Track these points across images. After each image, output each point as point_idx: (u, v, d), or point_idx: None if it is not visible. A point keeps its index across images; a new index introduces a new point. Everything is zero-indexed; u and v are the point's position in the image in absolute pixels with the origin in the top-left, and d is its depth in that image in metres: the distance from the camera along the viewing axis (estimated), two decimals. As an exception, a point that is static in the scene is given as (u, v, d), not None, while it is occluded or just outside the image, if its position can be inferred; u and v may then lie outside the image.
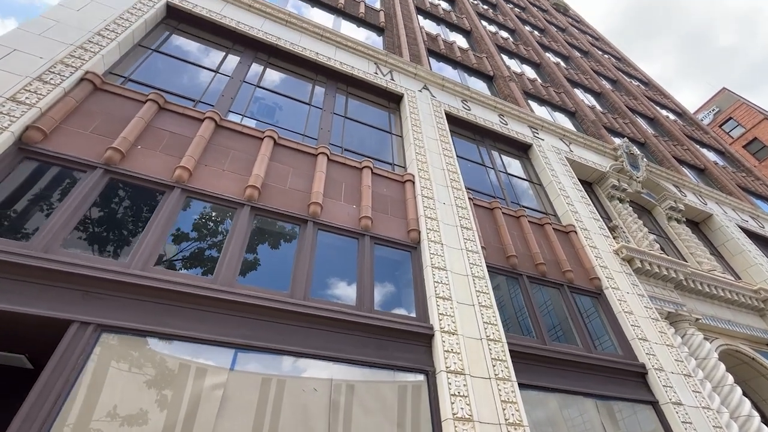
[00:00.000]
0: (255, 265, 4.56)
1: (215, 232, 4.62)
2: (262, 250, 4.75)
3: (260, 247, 4.75)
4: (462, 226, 6.22)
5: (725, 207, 13.34)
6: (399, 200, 6.29)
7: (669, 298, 7.72)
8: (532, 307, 5.91)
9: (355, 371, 4.10)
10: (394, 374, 4.26)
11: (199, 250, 4.40)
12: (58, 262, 3.39)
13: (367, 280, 4.89)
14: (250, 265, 4.50)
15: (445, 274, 5.32)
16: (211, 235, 4.58)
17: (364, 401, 3.92)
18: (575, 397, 5.17)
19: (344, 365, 4.09)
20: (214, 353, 3.59)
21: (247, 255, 4.54)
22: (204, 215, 4.71)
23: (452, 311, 4.92)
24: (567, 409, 5.07)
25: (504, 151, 9.75)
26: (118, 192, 4.39)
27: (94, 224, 4.06)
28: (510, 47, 16.78)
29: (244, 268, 4.39)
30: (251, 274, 4.44)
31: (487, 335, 4.91)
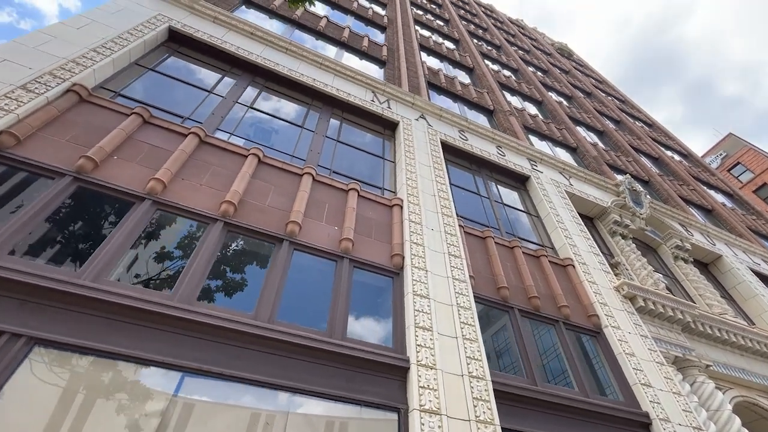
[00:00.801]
0: (220, 284, 4.29)
1: (182, 246, 4.40)
2: (231, 268, 4.50)
3: (228, 265, 4.50)
4: (450, 254, 5.93)
5: (735, 249, 12.83)
6: (385, 224, 6.06)
7: (676, 342, 7.17)
8: (523, 344, 5.47)
9: (317, 405, 3.71)
10: (361, 410, 3.84)
11: (162, 265, 4.16)
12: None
13: (342, 305, 4.57)
14: (214, 283, 4.23)
15: (427, 302, 4.98)
16: (177, 249, 4.36)
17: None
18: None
19: (306, 397, 3.70)
20: (159, 376, 3.26)
21: (214, 273, 4.29)
22: (173, 229, 4.52)
23: (432, 343, 4.53)
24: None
25: (501, 182, 9.58)
26: (85, 201, 4.24)
27: (53, 232, 3.88)
28: (512, 85, 17.09)
29: (207, 286, 4.12)
30: (215, 293, 4.16)
31: (470, 371, 4.48)
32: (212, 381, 3.42)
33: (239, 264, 4.63)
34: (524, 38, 30.16)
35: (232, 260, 4.60)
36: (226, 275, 4.41)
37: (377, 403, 3.89)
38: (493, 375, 4.76)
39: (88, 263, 3.64)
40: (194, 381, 3.36)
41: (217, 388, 3.44)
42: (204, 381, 3.41)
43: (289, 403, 3.60)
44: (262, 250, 4.81)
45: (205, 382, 3.41)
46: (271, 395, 3.60)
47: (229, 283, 4.37)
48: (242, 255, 4.73)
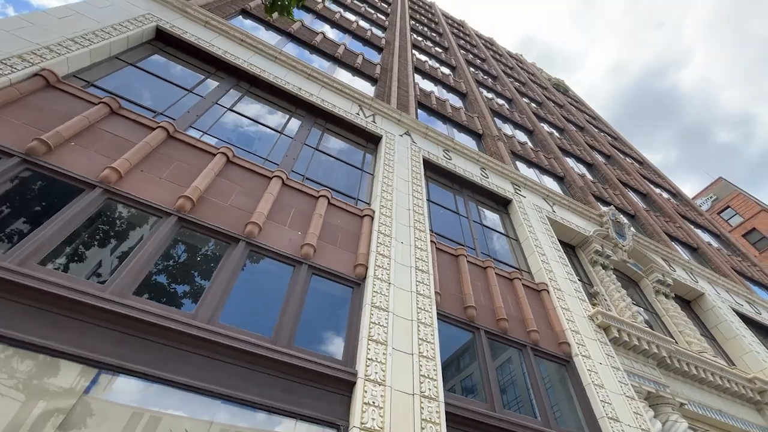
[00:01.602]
0: (163, 280, 4.07)
1: (128, 238, 4.21)
2: (178, 265, 4.29)
3: (176, 262, 4.30)
4: (418, 268, 5.75)
5: (718, 288, 12.71)
6: (353, 234, 5.90)
7: (650, 377, 6.92)
8: (485, 366, 5.22)
9: (247, 416, 3.43)
10: (295, 425, 3.56)
11: (102, 256, 3.96)
12: None
13: (292, 312, 4.34)
14: (156, 279, 4.02)
15: (386, 315, 4.76)
16: (120, 239, 4.16)
17: (246, 454, 3.22)
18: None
19: (236, 407, 3.43)
20: (71, 370, 3.01)
21: (158, 268, 4.08)
22: (123, 221, 4.33)
23: (385, 358, 4.29)
24: None
25: (482, 203, 9.51)
26: (31, 184, 4.07)
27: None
28: (504, 113, 17.35)
29: (148, 281, 3.91)
30: (155, 289, 3.94)
31: (422, 391, 4.23)
32: (133, 380, 3.17)
33: (189, 262, 4.43)
34: (521, 71, 30.97)
35: (181, 257, 4.39)
36: (171, 272, 4.20)
37: (315, 418, 3.62)
38: (449, 397, 4.50)
39: (18, 246, 3.44)
40: (111, 378, 3.10)
41: (135, 389, 3.17)
42: (123, 380, 3.15)
43: (215, 412, 3.33)
44: (216, 250, 4.62)
45: (125, 382, 3.15)
46: (198, 401, 3.34)
47: (173, 280, 4.15)
48: (194, 253, 4.53)
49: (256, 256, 4.77)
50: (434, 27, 26.39)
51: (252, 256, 4.73)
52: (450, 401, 4.41)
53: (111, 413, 2.97)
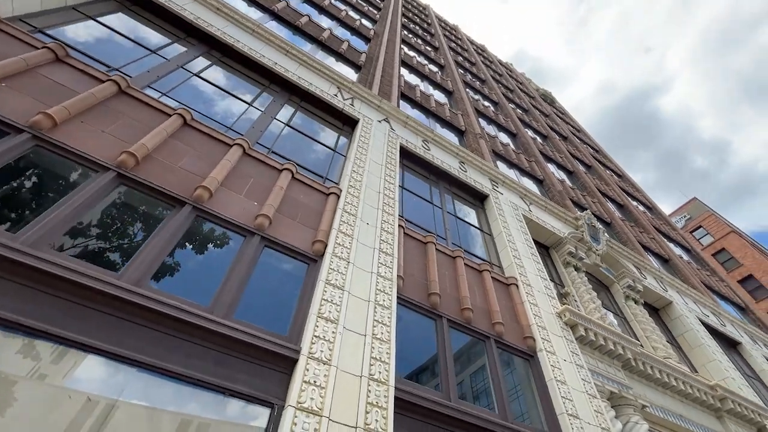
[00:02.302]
0: (91, 237, 3.67)
1: (55, 189, 3.79)
2: (110, 223, 3.89)
3: (108, 220, 3.89)
4: (381, 250, 5.47)
5: (686, 298, 12.87)
6: (315, 210, 5.58)
7: (614, 377, 6.80)
8: (444, 356, 4.96)
9: (166, 388, 3.07)
10: (224, 402, 3.21)
11: (22, 205, 3.53)
12: None
13: (236, 282, 3.99)
14: (82, 236, 3.61)
15: (340, 293, 4.45)
16: (47, 190, 3.74)
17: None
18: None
19: (155, 376, 3.06)
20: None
21: (86, 224, 3.68)
22: (51, 170, 3.91)
23: (333, 336, 3.98)
24: None
25: (459, 196, 9.31)
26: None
27: None
28: (489, 114, 17.32)
29: (71, 237, 3.50)
30: (78, 246, 3.53)
31: (371, 374, 3.93)
32: (28, 338, 2.77)
33: (124, 221, 4.03)
34: (510, 79, 31.24)
35: (117, 216, 3.99)
36: (103, 230, 3.80)
37: (246, 394, 3.28)
38: (401, 383, 4.22)
39: None
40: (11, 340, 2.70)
41: (43, 353, 2.78)
42: (17, 336, 2.75)
43: (130, 380, 2.96)
44: (158, 212, 4.23)
45: (18, 338, 2.75)
46: (116, 368, 2.96)
47: (103, 239, 3.75)
48: (132, 213, 4.13)
49: (203, 223, 4.40)
50: (426, 27, 26.34)
51: (198, 221, 4.36)
52: (402, 387, 4.12)
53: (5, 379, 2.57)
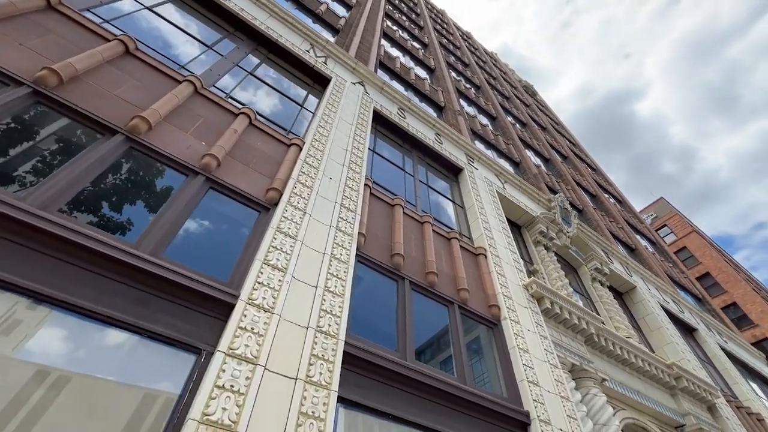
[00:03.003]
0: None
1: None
2: (22, 144, 3.35)
3: (22, 141, 3.34)
4: (343, 205, 5.10)
5: (650, 284, 13.17)
6: (273, 159, 5.13)
7: (576, 351, 6.74)
8: (404, 317, 4.68)
9: (68, 323, 2.63)
10: (139, 342, 2.80)
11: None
12: None
13: (170, 220, 3.54)
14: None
15: (292, 242, 4.06)
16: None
17: (50, 365, 2.42)
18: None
19: (62, 312, 2.61)
20: None
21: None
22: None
23: (280, 285, 3.60)
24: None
25: (433, 168, 9.01)
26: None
27: None
28: (470, 96, 17.06)
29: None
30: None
31: (320, 326, 3.59)
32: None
33: (41, 144, 3.48)
34: (494, 67, 31.09)
35: (31, 137, 3.44)
36: (12, 152, 3.25)
37: (169, 337, 2.87)
38: (353, 338, 3.90)
39: None
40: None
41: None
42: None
43: (31, 310, 2.50)
44: (84, 139, 3.69)
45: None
46: (9, 300, 2.49)
47: (12, 159, 3.21)
48: (49, 136, 3.58)
49: (138, 156, 3.89)
50: (412, 6, 25.70)
51: (131, 154, 3.85)
52: (354, 343, 3.81)
53: None
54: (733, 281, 38.50)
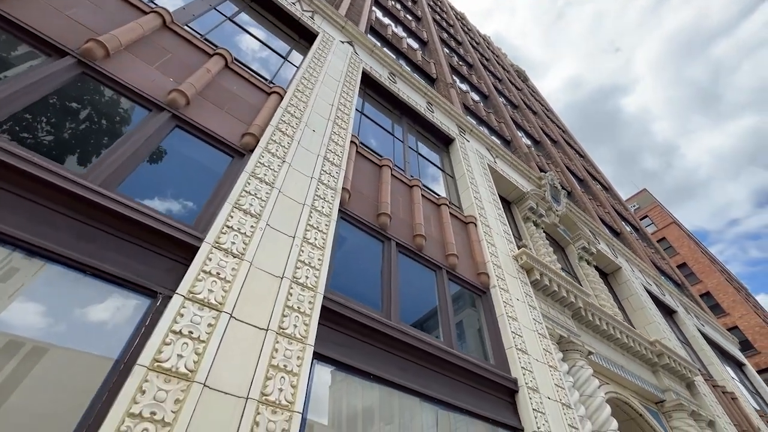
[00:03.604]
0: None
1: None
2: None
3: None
4: (327, 159, 4.71)
5: (633, 266, 13.24)
6: (251, 105, 4.68)
7: (564, 324, 6.60)
8: (389, 277, 4.38)
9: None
10: (87, 282, 2.41)
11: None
12: None
13: (127, 155, 3.11)
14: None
15: (268, 189, 3.68)
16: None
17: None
18: (410, 398, 3.57)
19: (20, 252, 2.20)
20: None
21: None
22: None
23: (252, 231, 3.24)
24: (389, 410, 3.43)
25: (423, 137, 8.64)
26: None
27: None
28: (463, 72, 16.62)
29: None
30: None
31: (297, 277, 3.25)
32: None
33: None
34: (487, 49, 30.57)
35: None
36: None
37: (117, 276, 2.49)
38: (334, 294, 3.58)
39: None
40: None
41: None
42: None
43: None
44: (26, 58, 3.19)
45: None
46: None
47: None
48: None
49: (92, 84, 3.42)
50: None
51: (84, 80, 3.37)
52: (335, 299, 3.49)
53: None
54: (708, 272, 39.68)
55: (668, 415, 7.85)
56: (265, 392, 2.46)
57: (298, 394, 2.59)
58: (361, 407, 3.37)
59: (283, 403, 2.49)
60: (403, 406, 3.55)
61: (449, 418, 3.76)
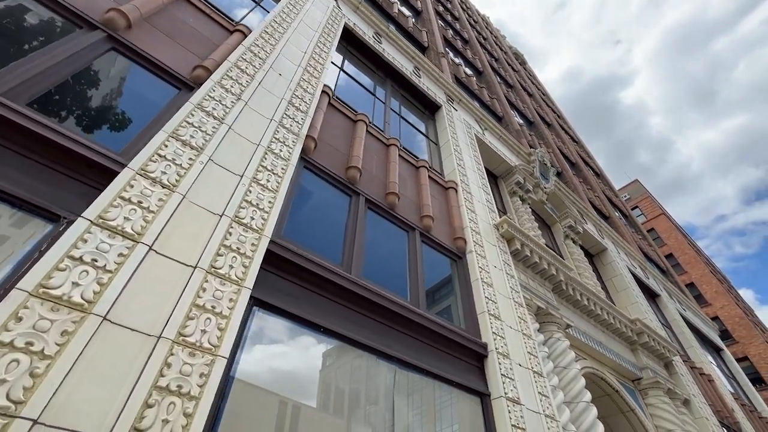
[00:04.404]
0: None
1: None
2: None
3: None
4: (292, 104, 4.31)
5: (620, 249, 13.12)
6: (208, 40, 4.24)
7: (543, 296, 6.38)
8: (354, 231, 4.06)
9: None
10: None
11: None
12: None
13: (44, 67, 2.70)
14: None
15: (215, 123, 3.30)
16: None
17: None
18: (367, 357, 3.29)
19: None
20: None
21: None
22: None
23: (190, 164, 2.87)
24: (341, 366, 3.16)
25: (408, 102, 8.22)
26: None
27: None
28: (457, 46, 16.05)
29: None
30: None
31: (240, 216, 2.91)
32: None
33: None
34: (485, 29, 29.77)
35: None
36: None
37: (15, 196, 2.12)
38: (285, 240, 3.25)
39: None
40: None
41: None
42: None
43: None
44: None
45: None
46: None
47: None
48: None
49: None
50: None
51: None
52: (286, 245, 3.16)
53: None
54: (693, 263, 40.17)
55: (644, 393, 7.78)
56: (183, 333, 2.14)
57: (226, 338, 2.28)
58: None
59: (206, 346, 2.18)
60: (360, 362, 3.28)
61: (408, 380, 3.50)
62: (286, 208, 3.52)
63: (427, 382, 3.65)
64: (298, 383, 2.86)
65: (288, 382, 2.78)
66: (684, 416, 7.84)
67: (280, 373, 2.74)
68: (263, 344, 2.71)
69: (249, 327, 2.64)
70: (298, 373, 2.90)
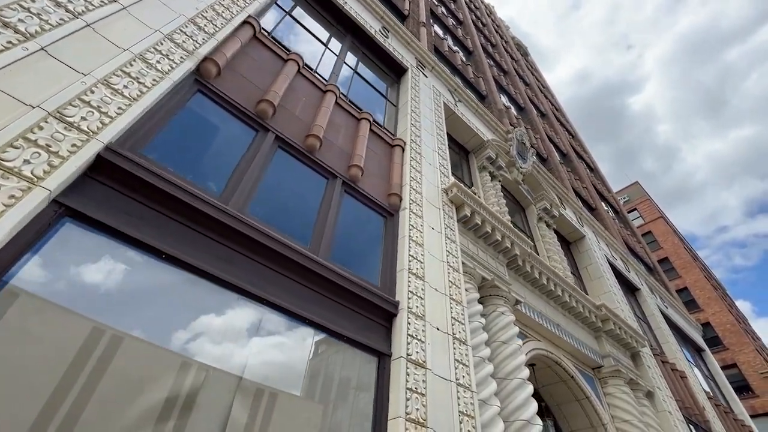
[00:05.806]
0: None
1: None
2: None
3: None
4: (194, 22, 3.82)
5: (600, 239, 12.61)
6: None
7: (492, 268, 5.90)
8: (249, 166, 3.58)
9: None
10: None
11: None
12: None
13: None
14: None
15: (65, 16, 2.81)
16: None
17: None
18: (245, 302, 2.83)
19: None
20: None
21: None
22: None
23: (6, 47, 2.39)
24: (181, 294, 2.69)
25: (370, 61, 7.68)
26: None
27: None
28: (447, 24, 15.41)
29: None
30: None
31: (65, 114, 2.43)
32: None
33: None
34: (488, 17, 28.99)
35: None
36: None
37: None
38: (140, 157, 2.77)
39: None
40: None
41: None
42: None
43: None
44: None
45: None
46: None
47: None
48: None
49: None
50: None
51: None
52: (139, 161, 2.68)
53: None
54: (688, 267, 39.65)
55: (604, 381, 7.34)
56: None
57: None
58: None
59: None
60: (229, 305, 2.81)
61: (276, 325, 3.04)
62: (156, 124, 3.04)
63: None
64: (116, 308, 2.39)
65: (106, 307, 2.31)
66: (644, 408, 7.40)
67: (94, 296, 2.27)
68: (68, 256, 2.24)
69: (49, 236, 2.18)
70: (118, 297, 2.44)
